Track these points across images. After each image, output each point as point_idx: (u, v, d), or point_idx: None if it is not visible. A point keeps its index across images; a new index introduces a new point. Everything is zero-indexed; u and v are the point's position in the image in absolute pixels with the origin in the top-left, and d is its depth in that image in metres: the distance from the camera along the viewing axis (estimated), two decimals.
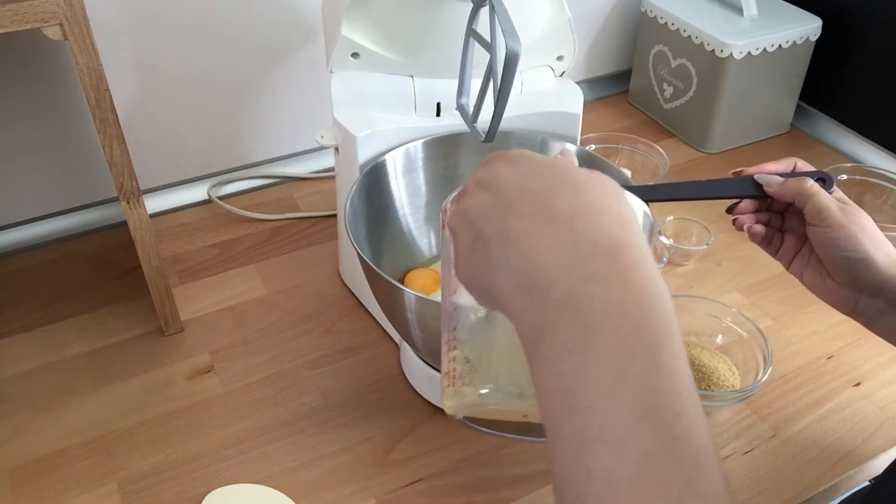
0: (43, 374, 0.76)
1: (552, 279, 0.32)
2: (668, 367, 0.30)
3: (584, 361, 0.30)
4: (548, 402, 0.31)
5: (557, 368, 0.31)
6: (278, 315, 0.83)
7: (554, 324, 0.31)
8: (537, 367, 0.32)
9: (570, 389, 0.30)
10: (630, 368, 0.29)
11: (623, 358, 0.30)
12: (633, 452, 0.28)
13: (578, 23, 0.74)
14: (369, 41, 0.69)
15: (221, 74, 0.94)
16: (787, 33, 1.04)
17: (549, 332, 0.31)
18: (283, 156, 1.05)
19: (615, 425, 0.29)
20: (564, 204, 0.34)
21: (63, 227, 0.94)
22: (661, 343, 0.30)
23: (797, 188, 0.55)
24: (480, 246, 0.36)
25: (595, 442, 0.29)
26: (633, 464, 0.28)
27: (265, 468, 0.68)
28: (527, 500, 0.66)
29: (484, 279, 0.36)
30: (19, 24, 0.57)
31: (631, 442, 0.28)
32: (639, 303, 0.31)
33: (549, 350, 0.31)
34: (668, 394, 0.29)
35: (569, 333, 0.31)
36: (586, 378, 0.30)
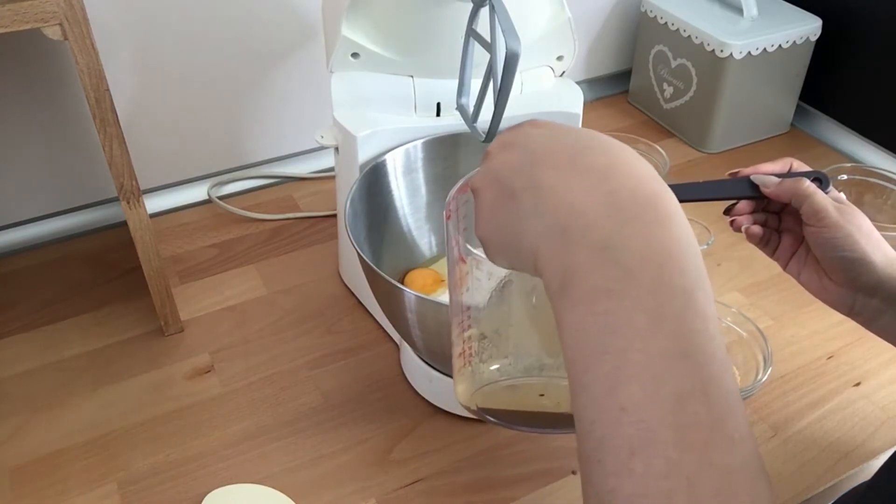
0: (43, 374, 0.76)
1: (589, 223, 0.32)
2: (702, 311, 0.30)
3: (621, 303, 0.30)
4: (578, 344, 0.31)
5: (592, 310, 0.31)
6: (278, 315, 0.83)
7: (590, 266, 0.31)
8: (567, 310, 0.32)
9: (604, 330, 0.30)
10: (667, 310, 0.30)
11: (661, 300, 0.30)
12: (666, 392, 0.28)
13: (578, 23, 0.74)
14: (369, 41, 0.69)
15: (221, 74, 0.94)
16: (787, 33, 1.04)
17: (584, 275, 0.31)
18: (283, 156, 1.05)
19: (650, 365, 0.29)
20: (597, 158, 0.35)
21: (63, 227, 0.94)
22: (696, 287, 0.31)
23: (794, 188, 0.55)
24: (506, 200, 0.36)
25: (629, 381, 0.29)
26: (666, 403, 0.28)
27: (265, 468, 0.68)
28: (527, 500, 0.66)
29: (509, 231, 0.36)
30: (19, 24, 0.57)
31: (665, 381, 0.29)
32: (676, 249, 0.31)
33: (584, 292, 0.31)
34: (702, 336, 0.30)
35: (606, 275, 0.31)
36: (623, 319, 0.30)
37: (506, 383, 0.44)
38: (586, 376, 0.30)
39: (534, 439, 0.70)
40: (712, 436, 0.28)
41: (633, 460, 0.28)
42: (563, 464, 0.68)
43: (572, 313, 0.31)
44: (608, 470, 0.29)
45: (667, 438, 0.28)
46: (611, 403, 0.29)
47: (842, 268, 0.54)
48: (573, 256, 0.32)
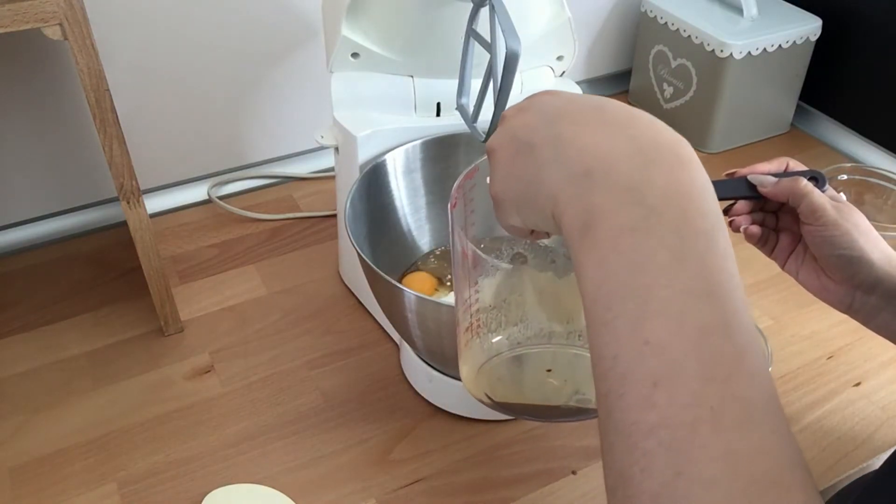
0: (43, 374, 0.76)
1: (612, 165, 0.33)
2: (722, 251, 0.31)
3: (646, 241, 0.31)
4: (600, 283, 0.31)
5: (616, 248, 0.31)
6: (278, 315, 0.83)
7: (613, 206, 0.32)
8: (589, 251, 0.32)
9: (629, 268, 0.31)
10: (691, 249, 0.31)
11: (684, 239, 0.31)
12: (690, 326, 0.29)
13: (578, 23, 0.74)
14: (369, 41, 0.69)
15: (221, 74, 0.94)
16: (787, 33, 1.04)
17: (608, 215, 0.32)
18: (283, 156, 1.05)
19: (675, 300, 0.30)
20: (617, 112, 0.35)
21: (63, 227, 0.94)
22: (716, 228, 0.32)
23: (791, 188, 0.55)
24: (525, 154, 0.37)
25: (654, 316, 0.30)
26: (690, 337, 0.29)
27: (265, 468, 0.68)
28: (527, 500, 0.66)
29: (527, 182, 0.36)
30: (19, 24, 0.57)
31: (689, 316, 0.29)
32: (697, 192, 0.32)
33: (607, 232, 0.32)
34: (723, 274, 0.30)
35: (631, 215, 0.31)
36: (648, 257, 0.31)
37: (512, 354, 0.44)
38: (609, 314, 0.31)
39: (534, 440, 0.70)
40: (734, 369, 0.29)
41: (657, 392, 0.29)
42: (563, 464, 0.68)
43: (594, 253, 0.32)
44: (630, 403, 0.29)
45: (690, 371, 0.28)
46: (634, 338, 0.30)
47: (840, 266, 0.55)
48: (596, 197, 0.33)
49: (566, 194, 0.34)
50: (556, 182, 0.35)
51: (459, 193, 0.47)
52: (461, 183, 0.46)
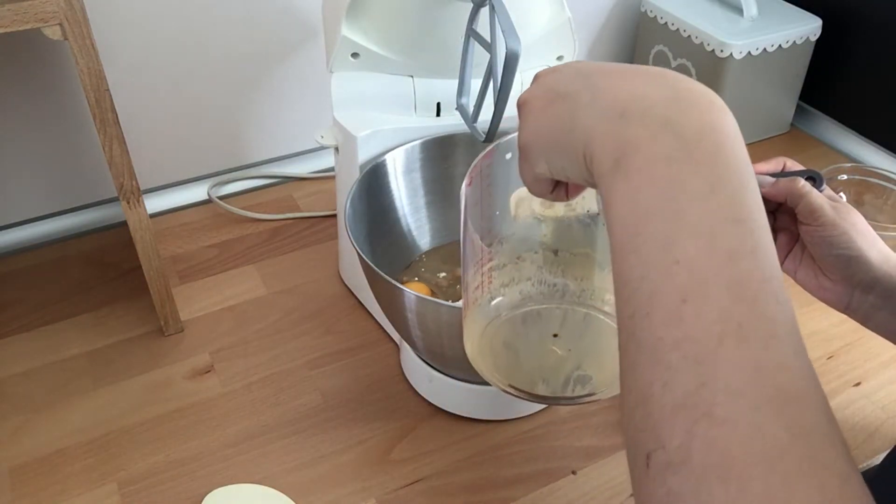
0: (43, 374, 0.76)
1: (649, 105, 0.34)
2: (753, 188, 0.32)
3: (681, 169, 0.32)
4: (630, 210, 0.32)
5: (651, 176, 0.32)
6: (278, 315, 0.83)
7: (649, 138, 0.33)
8: (620, 182, 0.33)
9: (661, 194, 0.32)
10: (724, 181, 0.32)
11: (718, 172, 0.32)
12: (721, 248, 0.30)
13: (578, 23, 0.74)
14: (369, 41, 0.69)
15: (221, 74, 0.94)
16: (787, 33, 1.04)
17: (643, 146, 0.33)
18: (283, 156, 1.05)
19: (706, 223, 0.30)
20: (649, 68, 0.37)
21: (63, 227, 0.94)
22: (747, 169, 0.33)
23: (789, 188, 0.55)
24: (559, 102, 0.38)
25: (685, 238, 0.30)
26: (720, 258, 0.30)
27: (265, 468, 0.68)
28: (527, 500, 0.66)
29: (559, 126, 0.37)
30: (19, 24, 0.57)
31: (720, 239, 0.30)
32: (732, 134, 0.33)
33: (641, 162, 0.33)
34: (753, 206, 0.32)
35: (667, 146, 0.32)
36: (681, 184, 0.31)
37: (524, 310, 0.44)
38: (638, 238, 0.32)
39: (534, 440, 0.70)
40: (761, 291, 0.29)
41: (684, 307, 0.29)
42: (563, 464, 0.68)
43: (626, 184, 0.33)
44: (656, 320, 0.30)
45: (719, 288, 0.29)
46: (664, 258, 0.30)
47: (838, 265, 0.55)
48: (632, 131, 0.33)
49: (601, 132, 0.35)
50: (591, 122, 0.35)
51: (476, 172, 0.47)
52: (479, 163, 0.46)
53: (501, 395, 0.70)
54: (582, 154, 0.36)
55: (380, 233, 0.74)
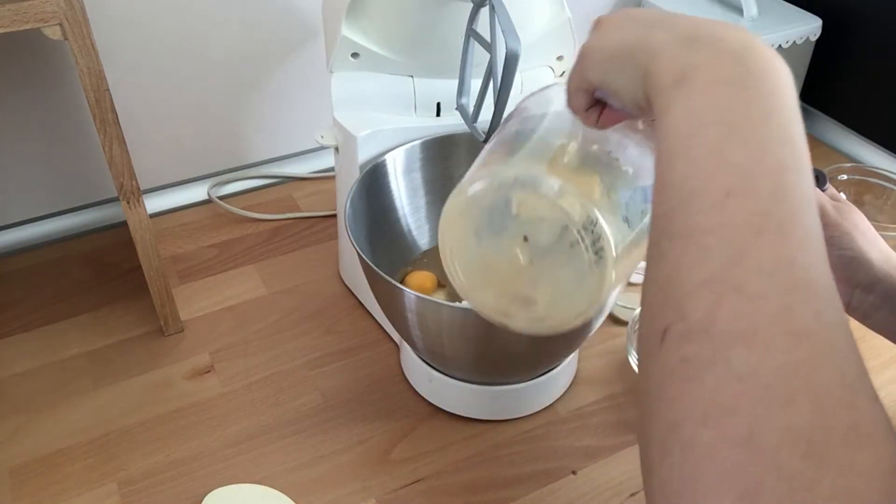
0: (43, 374, 0.76)
1: (721, 38, 0.35)
2: (801, 127, 0.33)
3: (741, 94, 0.33)
4: (684, 120, 0.33)
5: (713, 94, 0.33)
6: (278, 315, 0.83)
7: (717, 63, 0.34)
8: (681, 96, 0.34)
9: (720, 110, 0.33)
10: (778, 111, 0.33)
11: (774, 103, 0.33)
12: (770, 159, 0.31)
13: (578, 23, 0.74)
14: (369, 41, 0.69)
15: (221, 74, 0.94)
16: (787, 33, 1.04)
17: (708, 69, 0.34)
18: (283, 156, 1.05)
19: (759, 137, 0.32)
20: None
21: (63, 227, 0.94)
22: (800, 118, 0.34)
23: None
24: (634, 21, 0.39)
25: (738, 144, 0.31)
26: (769, 166, 0.31)
27: (265, 468, 0.68)
28: (527, 500, 0.66)
29: (630, 38, 0.39)
30: (19, 24, 0.57)
31: (770, 152, 0.31)
32: (790, 85, 0.35)
33: (703, 82, 0.34)
34: (802, 141, 0.33)
35: (732, 72, 0.34)
36: (741, 105, 0.33)
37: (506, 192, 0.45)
38: (689, 142, 0.32)
39: (534, 440, 0.70)
40: (803, 202, 0.30)
41: (727, 200, 0.30)
42: (563, 464, 0.68)
43: (686, 99, 0.34)
44: (696, 209, 0.30)
45: (764, 190, 0.30)
46: (714, 160, 0.31)
47: (839, 265, 0.55)
48: (700, 56, 0.35)
49: (668, 52, 0.36)
50: (661, 44, 0.37)
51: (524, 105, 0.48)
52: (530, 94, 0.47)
53: (501, 395, 0.70)
54: (643, 70, 0.37)
55: (380, 233, 0.74)
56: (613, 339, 0.80)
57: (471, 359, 0.66)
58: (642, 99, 0.38)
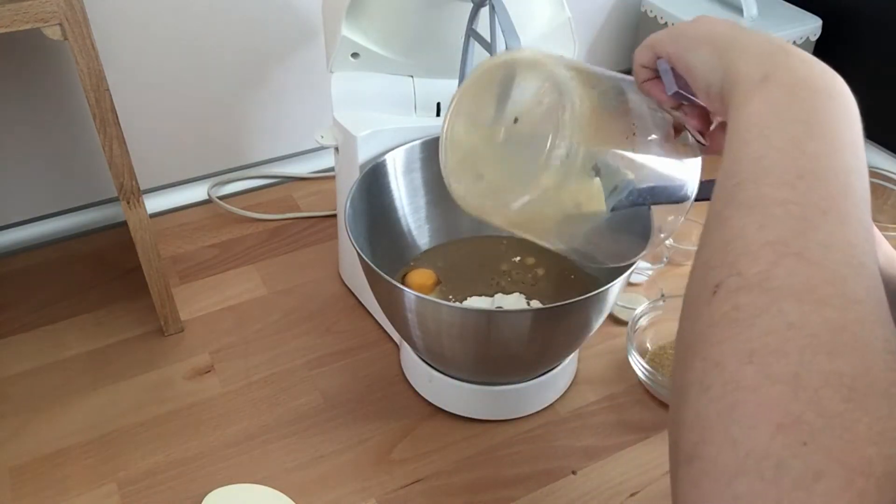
0: (43, 374, 0.76)
1: (803, 56, 0.39)
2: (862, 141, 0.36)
3: (825, 101, 0.36)
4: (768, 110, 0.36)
5: (797, 95, 0.36)
6: (278, 315, 0.83)
7: (805, 70, 0.37)
8: (766, 90, 0.37)
9: (802, 108, 0.35)
10: (852, 123, 0.36)
11: (850, 115, 0.36)
12: (842, 162, 0.33)
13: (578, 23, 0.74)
14: (369, 41, 0.69)
15: (221, 74, 0.94)
16: (787, 33, 1.04)
17: (797, 72, 0.37)
18: (283, 156, 1.05)
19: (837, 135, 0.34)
20: None
21: (63, 227, 0.94)
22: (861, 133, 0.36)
23: None
24: (728, 24, 0.43)
25: (816, 137, 0.34)
26: (840, 167, 0.33)
27: (265, 468, 0.68)
28: (527, 500, 0.66)
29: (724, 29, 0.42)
30: (19, 24, 0.57)
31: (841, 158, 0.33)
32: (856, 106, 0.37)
33: (787, 83, 0.37)
34: (864, 151, 0.35)
35: (813, 82, 0.37)
36: (823, 108, 0.35)
37: None
38: (768, 129, 0.35)
39: (534, 440, 0.70)
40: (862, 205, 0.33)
41: (799, 181, 0.32)
42: (563, 464, 0.68)
43: (768, 95, 0.36)
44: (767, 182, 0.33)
45: (834, 181, 0.32)
46: (791, 146, 0.33)
47: None
48: (791, 60, 0.38)
49: (757, 53, 0.39)
50: (753, 42, 0.40)
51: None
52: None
53: (501, 395, 0.70)
54: (726, 63, 0.40)
55: (380, 233, 0.74)
56: (613, 339, 0.80)
57: (471, 359, 0.66)
58: (715, 85, 0.41)
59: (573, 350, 0.73)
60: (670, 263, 0.90)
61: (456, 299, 0.74)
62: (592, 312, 0.64)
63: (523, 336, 0.62)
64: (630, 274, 0.63)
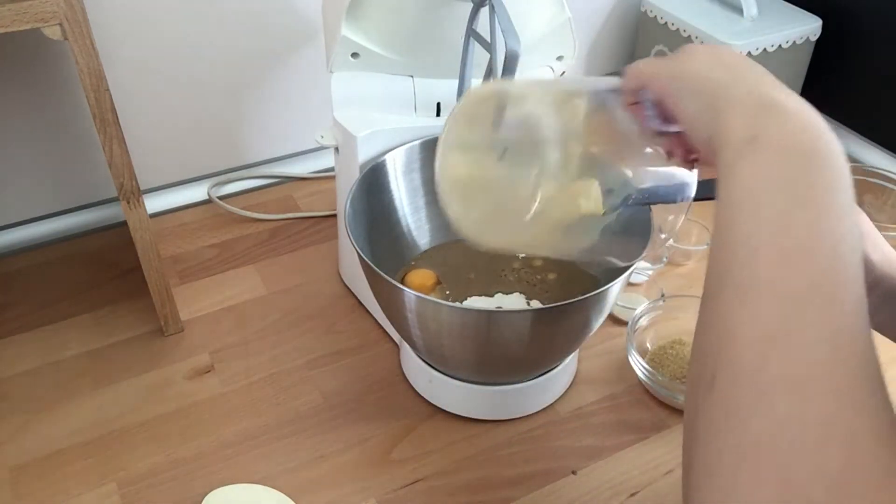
0: (43, 374, 0.76)
1: (792, 109, 0.37)
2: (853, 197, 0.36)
3: (807, 165, 0.35)
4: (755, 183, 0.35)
5: (782, 163, 0.35)
6: (278, 315, 0.83)
7: (786, 132, 0.36)
8: (754, 154, 0.36)
9: (789, 180, 0.35)
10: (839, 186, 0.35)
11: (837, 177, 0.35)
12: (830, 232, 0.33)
13: (578, 23, 0.74)
14: (369, 41, 0.69)
15: (221, 74, 0.94)
16: (787, 33, 1.04)
17: (778, 136, 0.36)
18: (283, 156, 1.05)
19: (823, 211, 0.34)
20: None
21: (63, 227, 0.94)
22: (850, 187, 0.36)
23: None
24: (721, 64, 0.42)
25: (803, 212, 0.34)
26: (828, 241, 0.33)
27: (265, 468, 0.68)
28: (527, 500, 0.66)
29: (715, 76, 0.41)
30: (19, 24, 0.57)
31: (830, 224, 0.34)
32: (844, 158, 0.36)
33: (774, 147, 0.36)
34: (854, 209, 0.35)
35: (801, 144, 0.36)
36: (809, 176, 0.35)
37: None
38: (756, 201, 0.35)
39: (534, 440, 0.70)
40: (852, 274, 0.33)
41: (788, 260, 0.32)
42: (563, 464, 0.68)
43: (756, 161, 0.36)
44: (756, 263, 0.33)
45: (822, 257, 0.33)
46: (779, 222, 0.34)
47: None
48: (772, 120, 0.37)
49: (745, 108, 0.38)
50: (743, 94, 0.39)
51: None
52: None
53: (501, 395, 0.70)
54: (716, 114, 0.39)
55: (380, 233, 0.74)
56: (613, 339, 0.80)
57: (471, 359, 0.66)
58: (703, 135, 0.41)
59: (573, 350, 0.73)
60: (670, 263, 0.90)
61: (456, 299, 0.74)
62: (592, 312, 0.64)
63: (523, 336, 0.62)
64: (630, 274, 0.63)
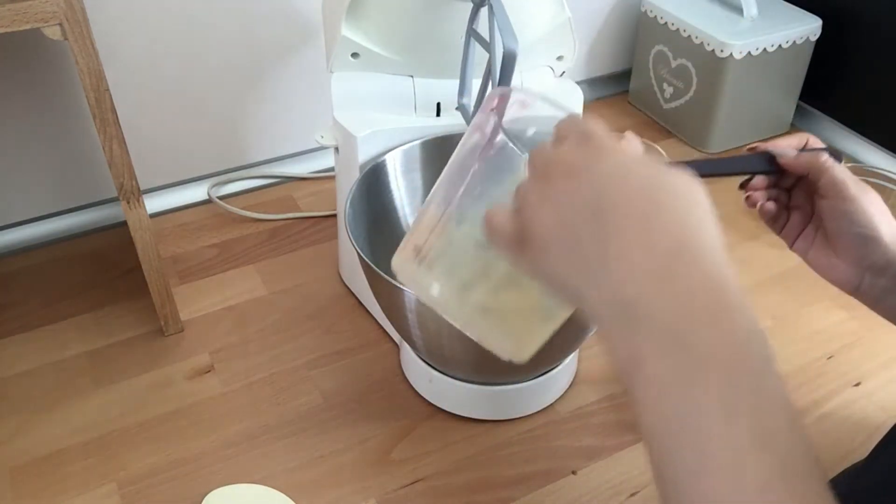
0: (43, 374, 0.76)
1: (654, 310, 0.31)
2: (774, 380, 0.30)
3: (694, 392, 0.30)
4: (654, 422, 0.31)
5: (667, 394, 0.30)
6: (278, 315, 0.83)
7: (656, 353, 0.31)
8: (640, 387, 0.31)
9: (682, 421, 0.30)
10: (743, 395, 0.29)
11: (735, 393, 0.29)
12: (750, 482, 0.28)
13: (578, 23, 0.74)
14: (369, 41, 0.69)
15: (222, 74, 0.94)
16: (787, 33, 1.04)
17: (654, 360, 0.31)
18: (283, 156, 1.05)
19: (730, 455, 0.29)
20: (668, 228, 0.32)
21: (63, 227, 0.94)
22: (767, 372, 0.30)
23: (812, 161, 0.55)
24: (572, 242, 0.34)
25: (709, 474, 0.29)
26: (750, 493, 0.28)
27: (265, 468, 0.68)
28: (527, 500, 0.66)
29: (559, 271, 0.35)
30: (19, 24, 0.57)
31: (748, 471, 0.28)
32: (745, 340, 0.31)
33: (655, 380, 0.31)
34: (779, 414, 0.29)
35: (675, 360, 0.30)
36: (700, 410, 0.29)
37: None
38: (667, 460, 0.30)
39: (534, 440, 0.70)
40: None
41: None
42: (563, 464, 0.68)
43: (646, 392, 0.31)
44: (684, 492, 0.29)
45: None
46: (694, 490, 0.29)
47: (854, 244, 0.54)
48: (638, 338, 0.31)
49: (609, 327, 0.33)
50: (597, 302, 0.33)
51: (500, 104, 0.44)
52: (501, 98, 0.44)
53: (501, 395, 0.70)
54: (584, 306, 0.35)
55: (380, 233, 0.74)
56: None
57: (471, 359, 0.66)
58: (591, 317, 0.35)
59: (573, 350, 0.73)
60: None
61: None
62: None
63: None
64: None
